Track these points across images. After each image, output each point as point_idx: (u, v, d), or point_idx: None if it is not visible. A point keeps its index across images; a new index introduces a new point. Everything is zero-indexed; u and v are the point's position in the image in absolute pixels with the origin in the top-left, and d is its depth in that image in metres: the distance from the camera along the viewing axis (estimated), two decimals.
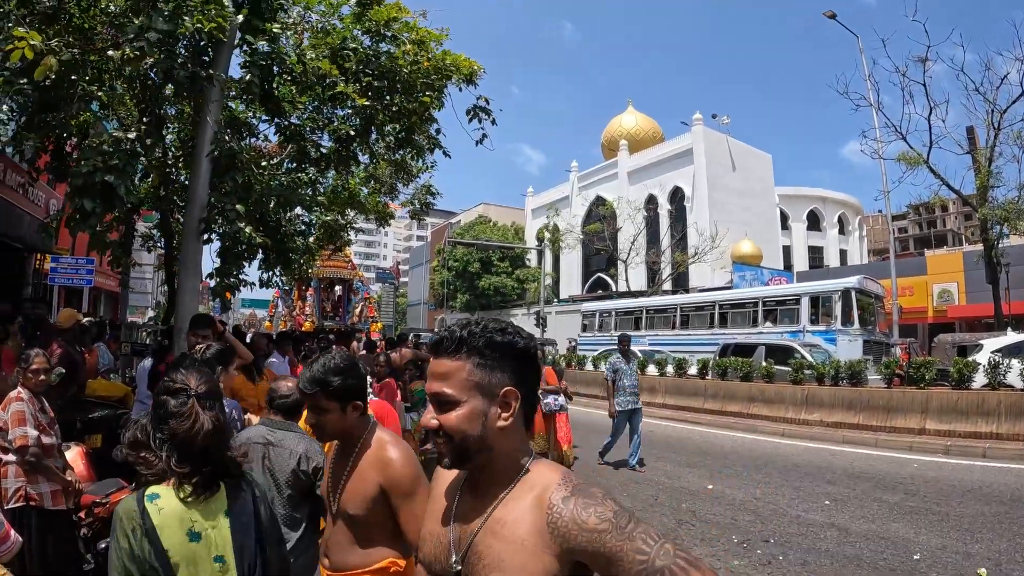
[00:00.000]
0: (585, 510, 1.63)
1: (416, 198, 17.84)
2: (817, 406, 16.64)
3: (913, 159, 29.05)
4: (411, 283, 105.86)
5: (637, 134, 67.31)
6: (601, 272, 63.80)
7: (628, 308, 35.76)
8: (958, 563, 6.95)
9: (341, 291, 29.97)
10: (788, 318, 26.20)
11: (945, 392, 14.68)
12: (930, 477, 11.26)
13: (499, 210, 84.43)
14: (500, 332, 1.76)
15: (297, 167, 11.81)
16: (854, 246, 69.26)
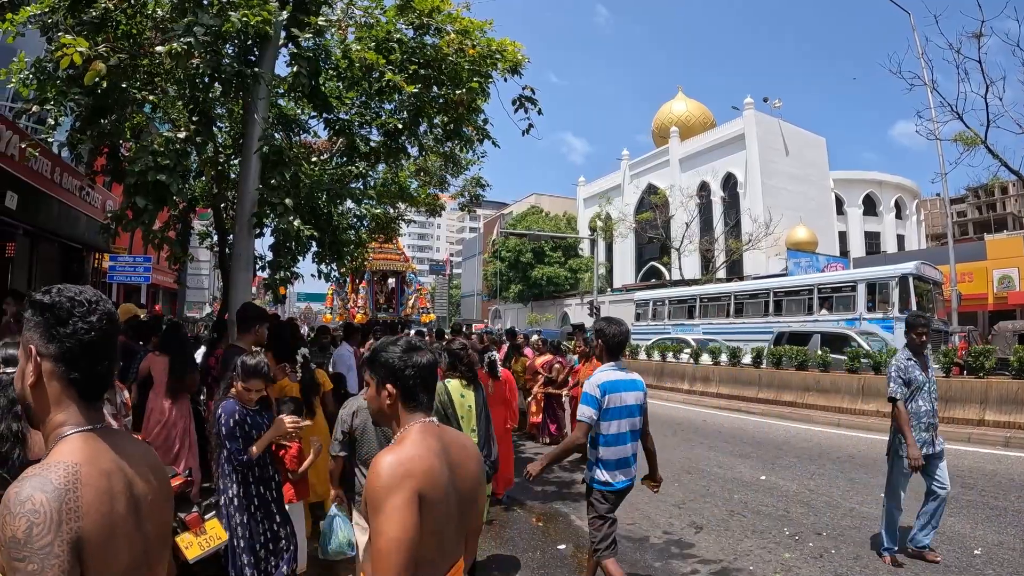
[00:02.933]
0: (3, 510, 1.56)
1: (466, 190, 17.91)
2: (874, 396, 16.31)
3: (970, 139, 28.16)
4: (464, 274, 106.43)
5: (688, 120, 66.88)
6: (654, 261, 63.48)
7: (681, 297, 35.56)
8: (1016, 560, 6.82)
9: (394, 283, 30.17)
10: (844, 305, 25.83)
11: (1005, 382, 14.22)
12: (988, 470, 10.99)
13: (550, 200, 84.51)
14: (44, 291, 1.77)
15: (347, 161, 11.96)
16: (911, 231, 67.87)
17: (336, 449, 5.14)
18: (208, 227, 14.53)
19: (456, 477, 2.44)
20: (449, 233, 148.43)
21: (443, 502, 2.33)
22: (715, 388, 21.33)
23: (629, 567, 6.72)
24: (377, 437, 4.96)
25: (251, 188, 8.88)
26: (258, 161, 8.84)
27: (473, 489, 2.56)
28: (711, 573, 6.60)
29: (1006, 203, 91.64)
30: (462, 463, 2.52)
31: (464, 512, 2.49)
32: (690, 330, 30.53)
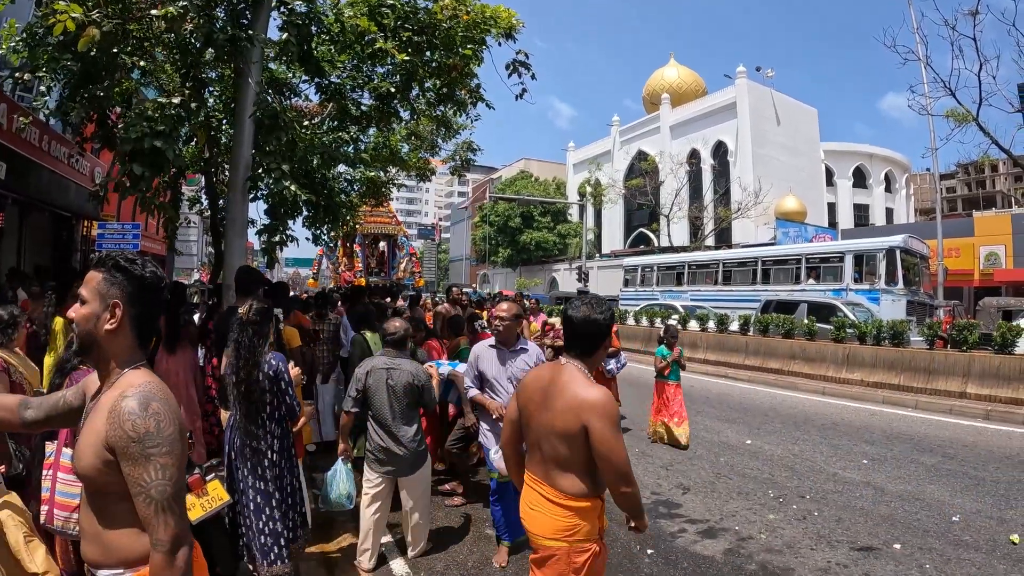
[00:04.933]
0: (128, 416, 2.13)
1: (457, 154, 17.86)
2: (858, 365, 16.59)
3: (962, 116, 28.23)
4: (453, 239, 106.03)
5: (679, 87, 66.53)
6: (643, 227, 63.39)
7: (670, 263, 35.55)
8: (992, 528, 6.96)
9: (386, 247, 30.00)
10: (831, 276, 25.91)
11: (987, 356, 14.46)
12: (969, 441, 11.17)
13: (540, 165, 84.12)
14: (127, 260, 2.29)
15: (339, 125, 11.89)
16: (900, 205, 68.10)
17: (349, 405, 5.73)
18: (197, 192, 14.49)
19: (538, 404, 3.47)
20: (438, 198, 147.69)
21: (519, 410, 3.62)
22: (702, 354, 21.50)
23: (618, 525, 6.72)
24: (386, 395, 5.66)
25: (245, 152, 8.84)
26: (252, 125, 8.80)
27: (550, 424, 3.39)
28: (698, 532, 6.76)
29: (996, 181, 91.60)
30: (548, 399, 3.41)
31: (540, 439, 3.47)
32: (678, 297, 30.65)
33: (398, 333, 5.92)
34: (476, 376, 6.00)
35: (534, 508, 3.37)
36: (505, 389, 5.81)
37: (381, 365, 5.76)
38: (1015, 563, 6.04)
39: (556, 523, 3.26)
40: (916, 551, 6.36)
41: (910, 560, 6.14)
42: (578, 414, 3.13)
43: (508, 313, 5.85)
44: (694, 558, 6.09)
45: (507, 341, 5.93)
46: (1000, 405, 13.47)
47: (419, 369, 5.89)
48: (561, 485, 3.26)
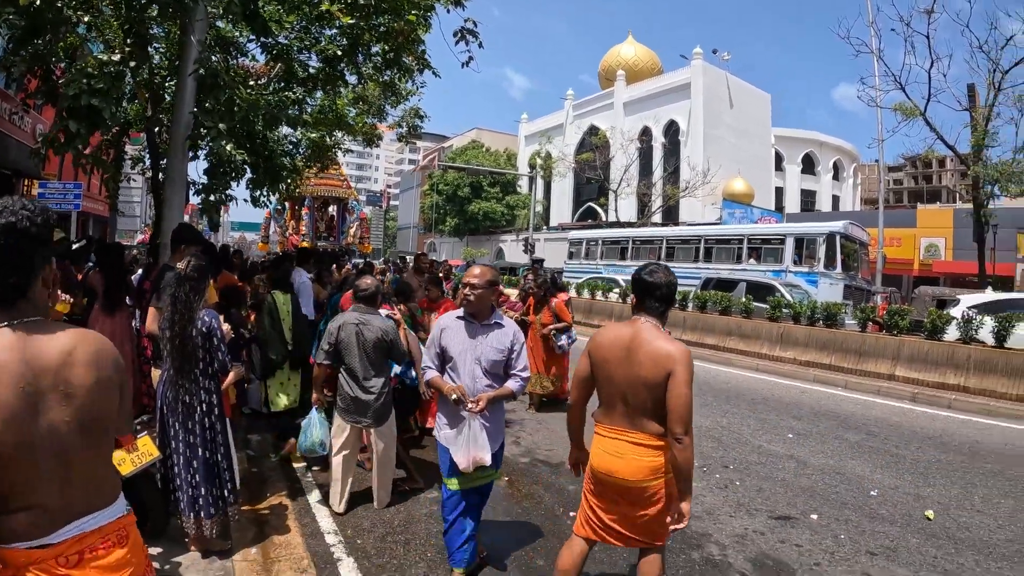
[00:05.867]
0: None
1: (404, 120, 17.59)
2: (792, 344, 16.76)
3: (910, 110, 28.89)
4: (402, 206, 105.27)
5: (635, 65, 66.48)
6: (592, 201, 63.51)
7: (615, 238, 35.64)
8: (908, 503, 7.10)
9: (335, 210, 29.44)
10: (772, 257, 26.23)
11: (917, 341, 14.75)
12: (894, 422, 11.35)
13: (492, 136, 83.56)
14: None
15: (284, 87, 11.61)
16: (847, 193, 69.50)
17: (321, 358, 5.96)
18: (141, 151, 14.05)
19: (625, 360, 3.77)
20: (388, 164, 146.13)
21: (600, 367, 3.93)
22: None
23: (544, 488, 7.04)
24: (357, 349, 5.86)
25: (186, 111, 8.65)
26: (193, 83, 8.59)
27: (640, 377, 3.71)
28: None
29: (942, 176, 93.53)
30: (636, 355, 3.71)
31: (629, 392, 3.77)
32: (621, 271, 30.60)
33: (369, 290, 6.11)
34: (437, 353, 4.89)
35: (623, 455, 3.77)
36: (470, 371, 4.71)
37: (352, 320, 5.93)
38: (928, 537, 6.16)
39: (651, 463, 3.73)
40: (832, 522, 6.46)
41: (825, 530, 6.24)
42: (664, 364, 3.59)
43: (481, 279, 4.73)
44: None
45: (479, 313, 4.81)
46: (927, 388, 13.72)
47: (388, 325, 6.05)
48: (650, 429, 3.72)
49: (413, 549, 5.37)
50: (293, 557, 5.07)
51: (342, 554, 5.22)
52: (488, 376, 4.68)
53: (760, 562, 5.51)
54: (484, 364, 4.68)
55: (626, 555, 5.22)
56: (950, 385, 13.66)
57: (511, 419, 9.83)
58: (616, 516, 3.88)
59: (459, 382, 4.67)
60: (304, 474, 7.01)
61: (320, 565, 5.00)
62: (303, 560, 5.02)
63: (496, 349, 4.71)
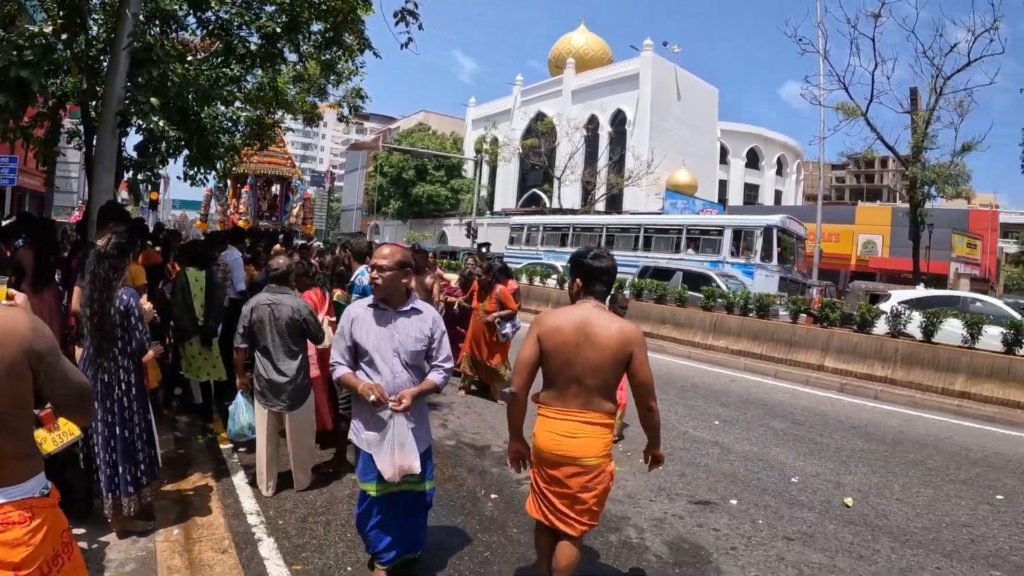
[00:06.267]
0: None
1: (345, 100, 17.27)
2: (724, 333, 16.84)
3: (851, 110, 29.59)
4: (346, 187, 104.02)
5: (586, 54, 66.66)
6: (536, 188, 63.58)
7: (556, 224, 35.70)
8: (828, 490, 7.15)
9: (279, 189, 28.76)
10: (710, 248, 26.52)
11: (847, 333, 15.00)
12: (820, 411, 11.42)
13: (439, 119, 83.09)
14: None
15: (223, 62, 11.36)
16: (790, 188, 70.78)
17: (239, 341, 5.87)
18: (77, 126, 13.55)
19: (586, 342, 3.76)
20: (334, 145, 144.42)
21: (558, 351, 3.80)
22: None
23: (467, 471, 6.99)
24: (270, 330, 5.78)
25: (118, 85, 8.44)
26: (127, 58, 8.39)
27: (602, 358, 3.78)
28: None
29: (884, 176, 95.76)
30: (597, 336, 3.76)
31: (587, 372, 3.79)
32: (561, 257, 30.53)
33: (280, 269, 6.03)
34: (349, 347, 4.30)
35: (577, 435, 3.82)
36: (389, 365, 4.22)
37: (265, 301, 5.86)
38: (845, 524, 6.22)
39: (605, 440, 3.88)
40: (752, 507, 6.49)
41: (744, 515, 6.26)
42: (626, 346, 3.75)
43: (390, 260, 4.20)
44: None
45: (391, 299, 4.28)
46: (854, 379, 13.92)
47: (301, 304, 5.93)
48: (604, 408, 3.86)
49: (333, 530, 5.33)
50: (214, 537, 5.02)
51: (263, 534, 5.16)
52: (409, 370, 4.23)
53: (677, 545, 5.50)
54: (404, 356, 4.21)
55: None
56: (877, 377, 13.86)
57: (439, 402, 9.67)
58: (567, 500, 3.92)
59: (376, 379, 4.17)
60: (230, 455, 6.87)
61: (240, 545, 4.94)
62: (224, 540, 4.97)
63: (415, 338, 4.24)
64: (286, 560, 4.75)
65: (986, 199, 75.61)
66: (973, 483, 7.90)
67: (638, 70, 57.33)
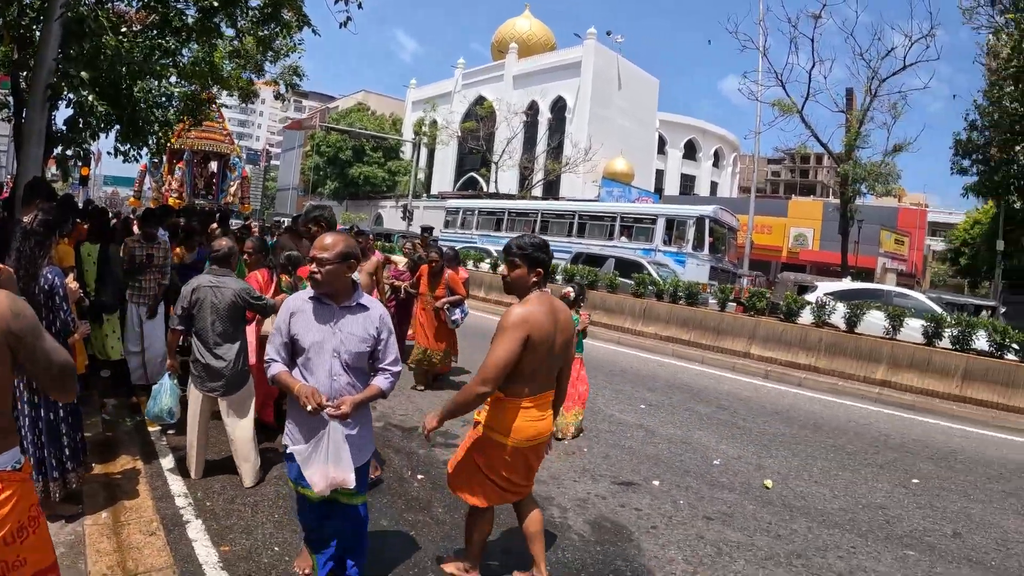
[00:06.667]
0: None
1: (282, 78, 16.90)
2: (654, 320, 16.99)
3: (788, 107, 30.28)
4: (282, 167, 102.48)
5: (529, 39, 66.50)
6: (474, 172, 63.53)
7: (491, 209, 35.61)
8: (749, 472, 7.27)
9: (216, 167, 27.88)
10: (643, 236, 26.73)
11: (773, 322, 15.32)
12: (744, 396, 11.58)
13: (379, 99, 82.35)
14: None
15: (158, 35, 10.98)
16: (726, 180, 72.07)
17: (175, 323, 5.74)
18: (7, 97, 13.00)
19: (558, 329, 3.89)
20: (272, 123, 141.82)
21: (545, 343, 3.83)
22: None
23: (395, 452, 6.96)
24: (210, 313, 5.55)
25: (49, 57, 8.18)
26: (59, 29, 8.10)
27: (568, 340, 4.03)
28: None
29: (818, 172, 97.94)
30: (563, 321, 3.96)
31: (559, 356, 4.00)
32: (496, 241, 30.50)
33: (222, 251, 5.82)
34: (285, 343, 3.84)
35: (545, 416, 4.02)
36: (327, 367, 3.75)
37: (206, 283, 5.64)
38: (764, 504, 6.34)
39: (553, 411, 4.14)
40: (674, 488, 6.57)
41: (666, 496, 6.34)
42: (573, 327, 4.12)
43: (331, 252, 3.69)
44: None
45: (336, 293, 3.80)
46: (779, 367, 14.20)
47: (244, 287, 5.75)
48: (554, 384, 4.13)
49: (261, 511, 5.24)
50: (143, 520, 4.91)
51: (191, 516, 5.05)
52: (350, 372, 3.77)
53: (599, 524, 5.55)
54: (345, 358, 3.74)
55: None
56: (802, 364, 14.17)
57: None
58: (530, 472, 4.16)
59: (313, 381, 3.73)
60: (159, 438, 6.67)
61: (168, 527, 4.83)
62: (152, 523, 4.86)
63: (359, 338, 3.77)
64: (214, 541, 4.66)
65: (916, 198, 77.94)
66: (890, 467, 8.10)
67: (580, 58, 57.41)
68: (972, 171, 27.59)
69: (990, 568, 5.45)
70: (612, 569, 4.79)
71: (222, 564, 4.33)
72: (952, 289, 45.66)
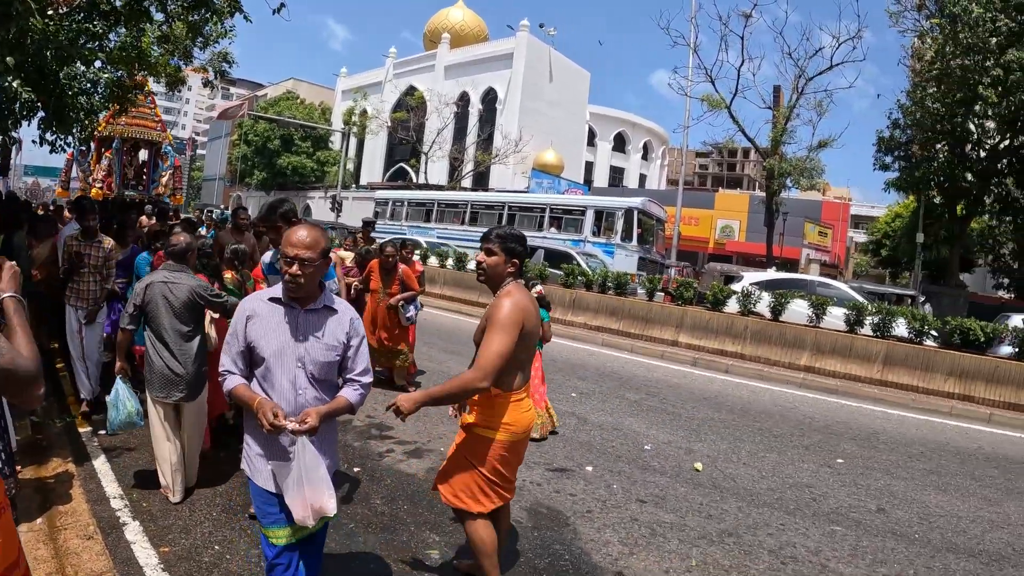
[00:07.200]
0: None
1: (211, 64, 16.49)
2: (583, 310, 17.14)
3: (716, 102, 30.93)
4: (209, 156, 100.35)
5: (462, 29, 66.37)
6: (404, 163, 63.13)
7: (421, 200, 35.39)
8: (679, 456, 7.42)
9: (147, 155, 26.89)
10: (573, 227, 26.89)
11: (700, 312, 15.65)
12: (674, 383, 11.78)
13: (309, 88, 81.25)
14: None
15: (85, 19, 10.57)
16: (655, 172, 73.03)
17: (126, 322, 5.30)
18: None
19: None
20: (198, 111, 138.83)
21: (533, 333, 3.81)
22: (439, 289, 21.33)
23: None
24: (165, 311, 5.19)
25: None
26: None
27: (537, 326, 3.92)
28: (405, 452, 6.87)
29: (745, 165, 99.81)
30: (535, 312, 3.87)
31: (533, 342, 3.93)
32: (426, 233, 30.41)
33: (179, 246, 5.50)
34: (242, 352, 3.26)
35: (531, 407, 3.96)
36: (290, 379, 3.21)
37: (160, 279, 5.30)
38: (694, 486, 6.47)
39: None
40: (607, 473, 6.69)
41: (599, 481, 6.45)
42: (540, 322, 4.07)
43: (314, 251, 3.14)
44: (397, 475, 6.17)
45: (305, 295, 3.23)
46: (707, 354, 14.52)
47: (198, 283, 5.42)
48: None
49: (199, 509, 5.16)
50: (79, 524, 4.74)
51: (128, 518, 4.92)
52: (317, 386, 3.26)
53: (534, 510, 5.61)
54: (312, 368, 3.22)
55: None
56: (729, 352, 14.53)
57: None
58: (517, 466, 4.04)
59: (275, 395, 3.19)
60: (90, 439, 6.45)
61: (106, 531, 4.69)
62: (89, 526, 4.70)
63: (327, 346, 3.24)
64: (153, 543, 4.56)
65: (840, 192, 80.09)
66: (816, 448, 8.34)
67: (513, 50, 57.60)
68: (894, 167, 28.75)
69: (914, 540, 5.68)
70: (550, 553, 4.83)
71: (163, 566, 4.25)
72: (874, 279, 47.05)
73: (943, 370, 12.70)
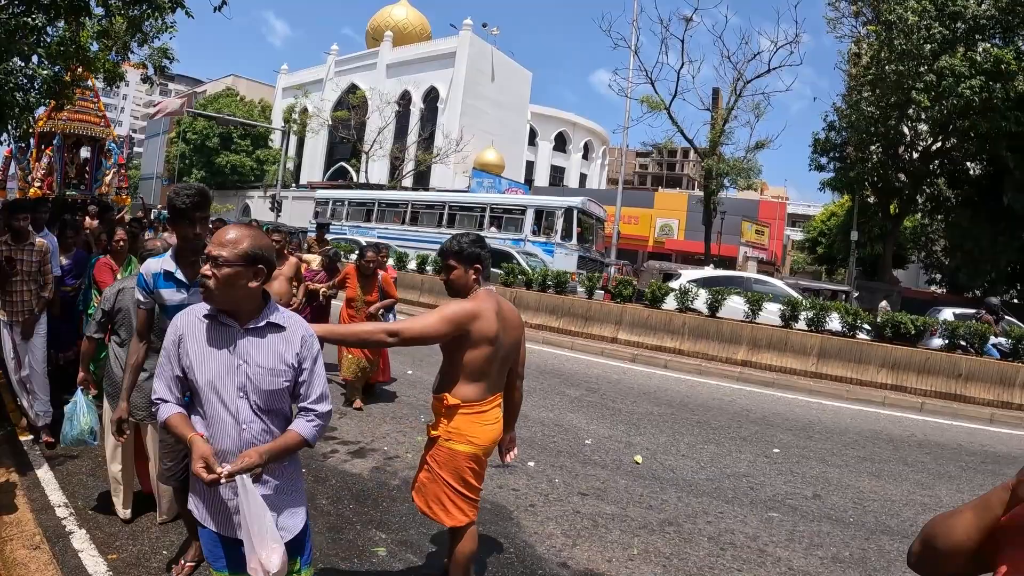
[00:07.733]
0: None
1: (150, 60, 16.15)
2: (523, 308, 17.04)
3: (656, 104, 31.36)
4: (146, 154, 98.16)
5: (405, 27, 66.10)
6: (344, 161, 62.76)
7: (361, 199, 35.12)
8: (620, 450, 7.51)
9: (90, 152, 25.98)
10: (513, 226, 26.97)
11: (639, 309, 15.87)
12: (614, 379, 11.90)
13: (249, 84, 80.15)
14: None
15: (23, 12, 10.29)
16: (595, 172, 73.67)
17: (92, 330, 4.88)
18: None
19: (505, 328, 3.71)
20: (136, 107, 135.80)
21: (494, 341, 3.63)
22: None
23: None
24: (135, 319, 4.43)
25: None
26: None
27: (517, 340, 3.87)
28: (349, 452, 6.84)
29: (685, 165, 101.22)
30: (511, 320, 3.80)
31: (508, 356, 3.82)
32: (366, 233, 30.21)
33: (156, 252, 4.91)
34: (177, 376, 2.75)
35: (499, 419, 3.87)
36: (233, 410, 2.66)
37: (132, 286, 4.55)
38: (635, 478, 6.56)
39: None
40: (548, 468, 6.76)
41: (541, 475, 6.53)
42: (521, 324, 3.98)
43: (231, 250, 2.63)
44: (342, 475, 6.16)
45: (236, 309, 2.70)
46: (646, 351, 14.71)
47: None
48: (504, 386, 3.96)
49: (145, 515, 5.02)
50: (24, 534, 4.62)
51: (74, 526, 4.80)
52: (264, 417, 2.71)
53: (479, 506, 5.44)
54: (255, 398, 2.68)
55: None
56: (667, 348, 14.73)
57: None
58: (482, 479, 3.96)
59: (216, 430, 2.68)
60: (31, 447, 6.27)
61: (53, 539, 4.56)
62: (35, 536, 4.58)
63: (273, 371, 2.67)
64: (101, 550, 4.45)
65: (778, 191, 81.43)
66: (753, 439, 8.51)
67: (455, 48, 57.67)
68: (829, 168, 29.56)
69: (849, 524, 5.84)
70: (494, 546, 4.86)
71: (112, 572, 4.17)
72: (810, 276, 48.12)
73: (876, 362, 13.12)
